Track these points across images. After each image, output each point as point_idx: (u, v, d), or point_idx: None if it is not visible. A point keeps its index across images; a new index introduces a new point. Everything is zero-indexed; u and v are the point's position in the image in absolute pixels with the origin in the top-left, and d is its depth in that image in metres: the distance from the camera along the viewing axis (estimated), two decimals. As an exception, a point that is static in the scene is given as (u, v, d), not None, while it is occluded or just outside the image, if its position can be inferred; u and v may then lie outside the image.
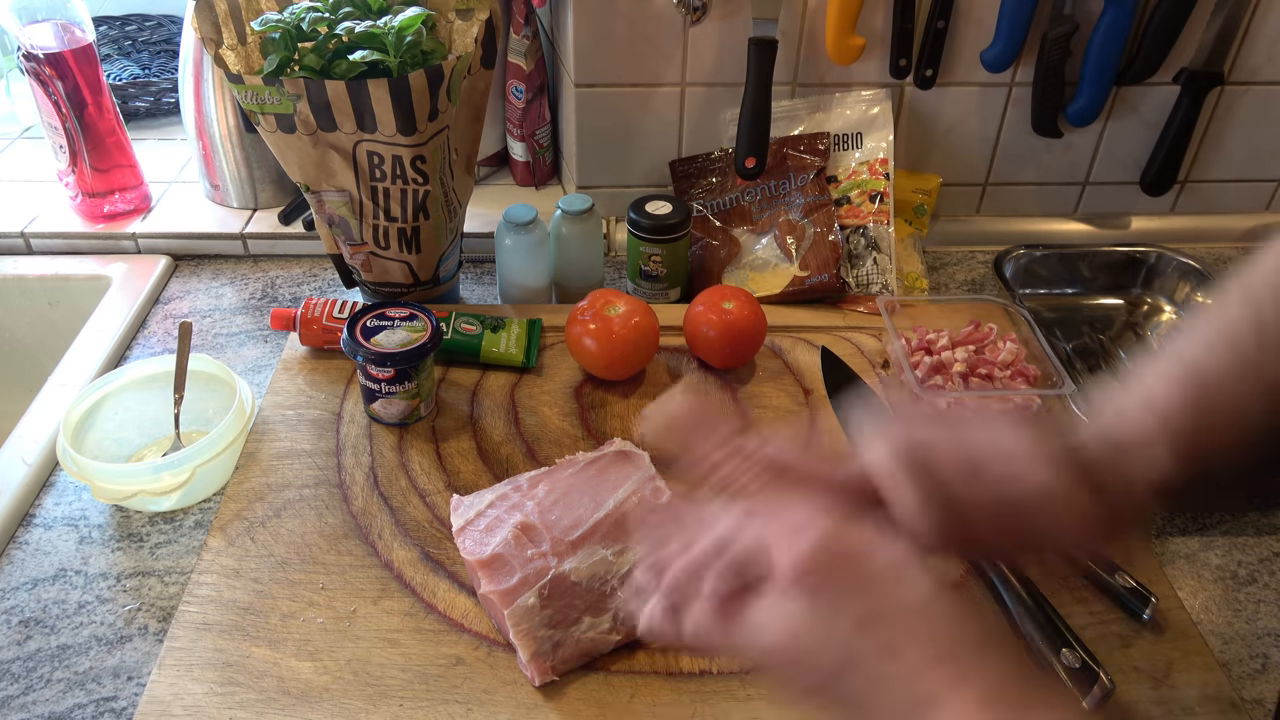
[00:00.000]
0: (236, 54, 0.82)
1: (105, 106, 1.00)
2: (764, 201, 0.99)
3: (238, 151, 1.04)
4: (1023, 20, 0.93)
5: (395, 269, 0.88)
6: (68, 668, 0.62)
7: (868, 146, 1.00)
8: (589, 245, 0.94)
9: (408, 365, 0.76)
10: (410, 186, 0.81)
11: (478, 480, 0.75)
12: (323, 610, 0.64)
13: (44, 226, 1.03)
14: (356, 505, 0.72)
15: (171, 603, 0.66)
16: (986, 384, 0.80)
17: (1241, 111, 1.02)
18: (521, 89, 1.04)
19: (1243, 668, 0.64)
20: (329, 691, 0.59)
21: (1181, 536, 0.73)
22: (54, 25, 0.95)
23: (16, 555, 0.70)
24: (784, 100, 1.00)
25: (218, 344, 0.91)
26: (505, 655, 0.62)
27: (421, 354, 0.76)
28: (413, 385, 0.77)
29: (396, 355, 0.75)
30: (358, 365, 0.77)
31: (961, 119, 1.02)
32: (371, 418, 0.80)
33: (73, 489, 0.75)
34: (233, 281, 1.00)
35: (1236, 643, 0.65)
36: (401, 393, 0.77)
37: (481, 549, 0.63)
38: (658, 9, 0.93)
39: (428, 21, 0.79)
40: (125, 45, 1.33)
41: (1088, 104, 0.97)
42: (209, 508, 0.74)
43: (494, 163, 1.15)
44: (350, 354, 0.76)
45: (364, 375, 0.77)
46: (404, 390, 0.77)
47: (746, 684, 0.60)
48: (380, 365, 0.75)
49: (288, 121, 0.77)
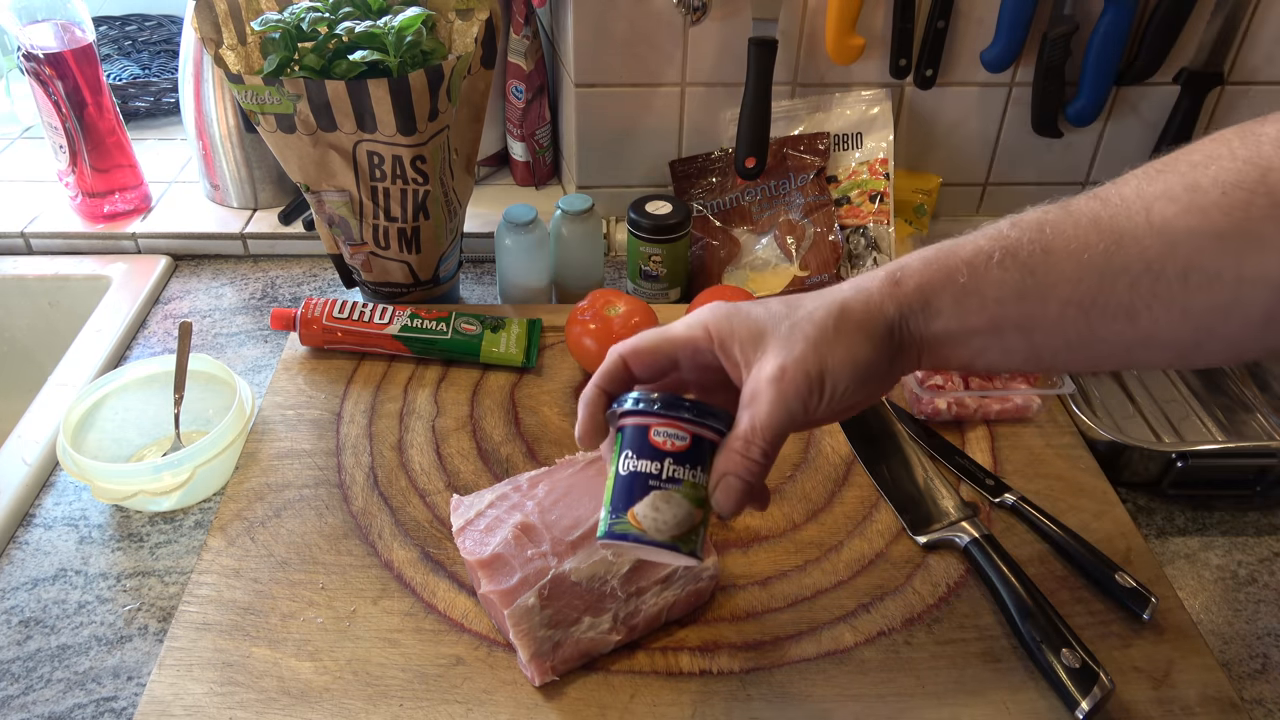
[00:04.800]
0: (236, 54, 0.82)
1: (105, 106, 1.00)
2: (764, 201, 0.99)
3: (238, 151, 1.04)
4: (1023, 20, 0.93)
5: (395, 269, 0.88)
6: (68, 668, 0.62)
7: (868, 146, 1.00)
8: (589, 245, 0.94)
9: (715, 427, 0.49)
10: (410, 186, 0.81)
11: (478, 480, 0.75)
12: (323, 610, 0.64)
13: (44, 226, 1.03)
14: (356, 505, 0.72)
15: (171, 603, 0.66)
16: (986, 384, 0.80)
17: (1242, 111, 1.02)
18: (521, 89, 1.04)
19: (1243, 668, 0.64)
20: (329, 691, 0.59)
21: (1181, 536, 0.73)
22: (54, 25, 0.95)
23: (16, 555, 0.70)
24: (784, 100, 1.00)
25: (218, 344, 0.91)
26: (505, 655, 0.62)
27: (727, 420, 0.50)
28: (704, 477, 0.49)
29: (697, 410, 0.49)
30: (625, 439, 0.50)
31: (961, 119, 1.02)
32: (614, 535, 0.49)
33: (73, 489, 0.75)
34: (233, 281, 1.00)
35: (1236, 643, 0.65)
36: (689, 485, 0.49)
37: (481, 549, 0.63)
38: (658, 9, 0.93)
39: (428, 21, 0.79)
40: (125, 45, 1.33)
41: (1088, 104, 0.97)
42: (209, 508, 0.74)
43: (494, 163, 1.15)
44: (618, 414, 0.51)
45: (636, 448, 0.49)
46: (692, 481, 0.49)
47: (746, 684, 0.60)
48: (674, 416, 0.49)
49: (288, 121, 0.77)
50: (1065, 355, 0.48)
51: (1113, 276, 0.44)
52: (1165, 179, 0.44)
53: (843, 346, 0.48)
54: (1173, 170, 0.45)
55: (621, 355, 0.52)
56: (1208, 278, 0.43)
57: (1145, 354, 0.47)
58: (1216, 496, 0.76)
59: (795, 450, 0.78)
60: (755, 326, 0.50)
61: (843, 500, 0.74)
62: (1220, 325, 0.44)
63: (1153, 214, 0.44)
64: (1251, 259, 0.41)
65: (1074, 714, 0.57)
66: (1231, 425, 0.84)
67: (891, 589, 0.66)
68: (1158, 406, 0.86)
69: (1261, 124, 0.43)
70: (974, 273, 0.47)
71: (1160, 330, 0.45)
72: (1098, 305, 0.45)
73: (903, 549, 0.70)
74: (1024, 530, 0.71)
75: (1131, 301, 0.44)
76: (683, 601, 0.63)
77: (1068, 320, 0.46)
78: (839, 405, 0.49)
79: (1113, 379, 0.89)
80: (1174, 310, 0.44)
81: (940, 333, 0.48)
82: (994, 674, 0.61)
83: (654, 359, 0.52)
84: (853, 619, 0.64)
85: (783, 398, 0.47)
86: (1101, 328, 0.46)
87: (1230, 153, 0.43)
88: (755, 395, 0.48)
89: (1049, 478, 0.75)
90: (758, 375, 0.48)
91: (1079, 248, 0.45)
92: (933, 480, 0.74)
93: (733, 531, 0.71)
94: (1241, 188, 0.42)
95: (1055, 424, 0.80)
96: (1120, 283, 0.44)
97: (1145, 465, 0.75)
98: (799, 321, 0.49)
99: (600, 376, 0.52)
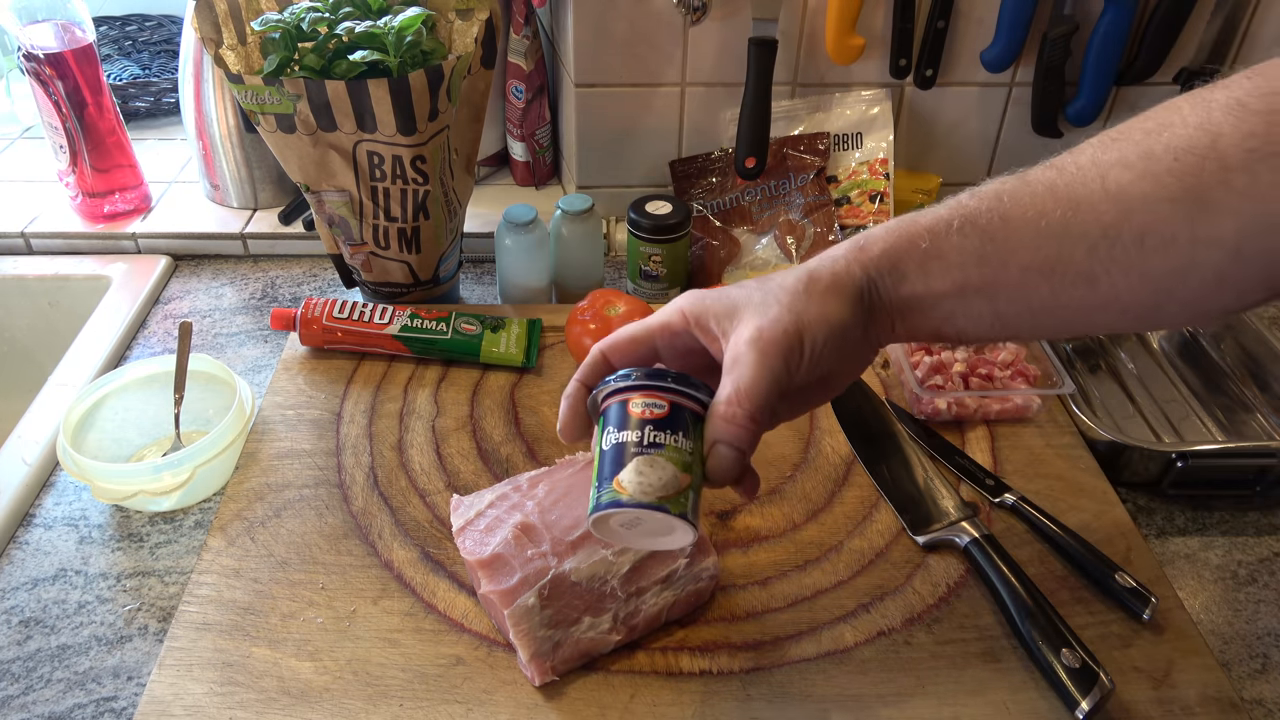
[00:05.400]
0: (236, 54, 0.82)
1: (105, 106, 1.00)
2: (764, 201, 0.99)
3: (238, 151, 1.04)
4: (1023, 20, 0.93)
5: (395, 269, 0.88)
6: (68, 668, 0.62)
7: (868, 146, 1.00)
8: (589, 245, 0.94)
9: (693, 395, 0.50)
10: (410, 186, 0.81)
11: (478, 480, 0.75)
12: (323, 610, 0.64)
13: (44, 226, 1.03)
14: (356, 505, 0.72)
15: (171, 603, 0.66)
16: (986, 384, 0.80)
17: (1241, 111, 1.02)
18: (521, 89, 1.04)
19: (1243, 668, 0.64)
20: (329, 691, 0.59)
21: (1181, 536, 0.73)
22: (54, 25, 0.95)
23: (16, 555, 0.70)
24: (784, 100, 1.00)
25: (218, 344, 0.91)
26: (505, 655, 0.62)
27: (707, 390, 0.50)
28: (688, 443, 0.49)
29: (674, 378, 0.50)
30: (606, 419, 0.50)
31: (961, 119, 1.02)
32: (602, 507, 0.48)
33: (73, 489, 0.75)
34: (233, 281, 1.00)
35: (1236, 643, 0.65)
36: (671, 449, 0.48)
37: (481, 549, 0.63)
38: (658, 9, 0.93)
39: (428, 21, 0.79)
40: (125, 45, 1.33)
41: (1088, 104, 0.97)
42: (209, 508, 0.74)
43: (494, 163, 1.15)
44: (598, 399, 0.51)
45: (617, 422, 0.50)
46: (675, 446, 0.48)
47: (747, 684, 0.60)
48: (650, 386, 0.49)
49: (288, 121, 0.77)
50: (1029, 321, 0.50)
51: (1071, 242, 0.46)
52: (1120, 147, 0.46)
53: (815, 305, 0.49)
54: (1126, 138, 0.46)
55: (602, 350, 0.53)
56: (1163, 241, 0.44)
57: (1106, 318, 0.48)
58: (1216, 496, 0.76)
59: (795, 450, 0.78)
60: (729, 302, 0.51)
61: (843, 500, 0.74)
62: (1178, 288, 0.45)
63: (1108, 181, 0.45)
64: (1203, 222, 0.43)
65: (1074, 714, 0.57)
66: (1231, 425, 0.84)
67: (891, 589, 0.66)
68: (1158, 406, 0.86)
69: (1211, 90, 0.44)
70: (935, 238, 0.49)
71: (1120, 294, 0.46)
72: (1057, 271, 0.46)
73: (903, 549, 0.70)
74: (1024, 530, 0.71)
75: (1091, 267, 0.46)
76: (683, 601, 0.63)
77: (1029, 286, 0.48)
78: (820, 368, 0.50)
79: (1113, 379, 0.89)
80: (1132, 274, 0.45)
81: (908, 296, 0.50)
82: (994, 674, 0.61)
83: (633, 349, 0.53)
84: (853, 619, 0.64)
85: (764, 357, 0.48)
86: (1063, 293, 0.47)
87: (1182, 119, 0.44)
88: (736, 359, 0.49)
89: (1049, 478, 0.75)
90: (736, 341, 0.49)
91: (1036, 215, 0.47)
92: (933, 480, 0.74)
93: (733, 531, 0.71)
94: (1193, 153, 0.43)
95: (1055, 424, 0.80)
96: (1079, 248, 0.46)
97: (1145, 465, 0.75)
98: (771, 289, 0.50)
99: (581, 372, 0.53)
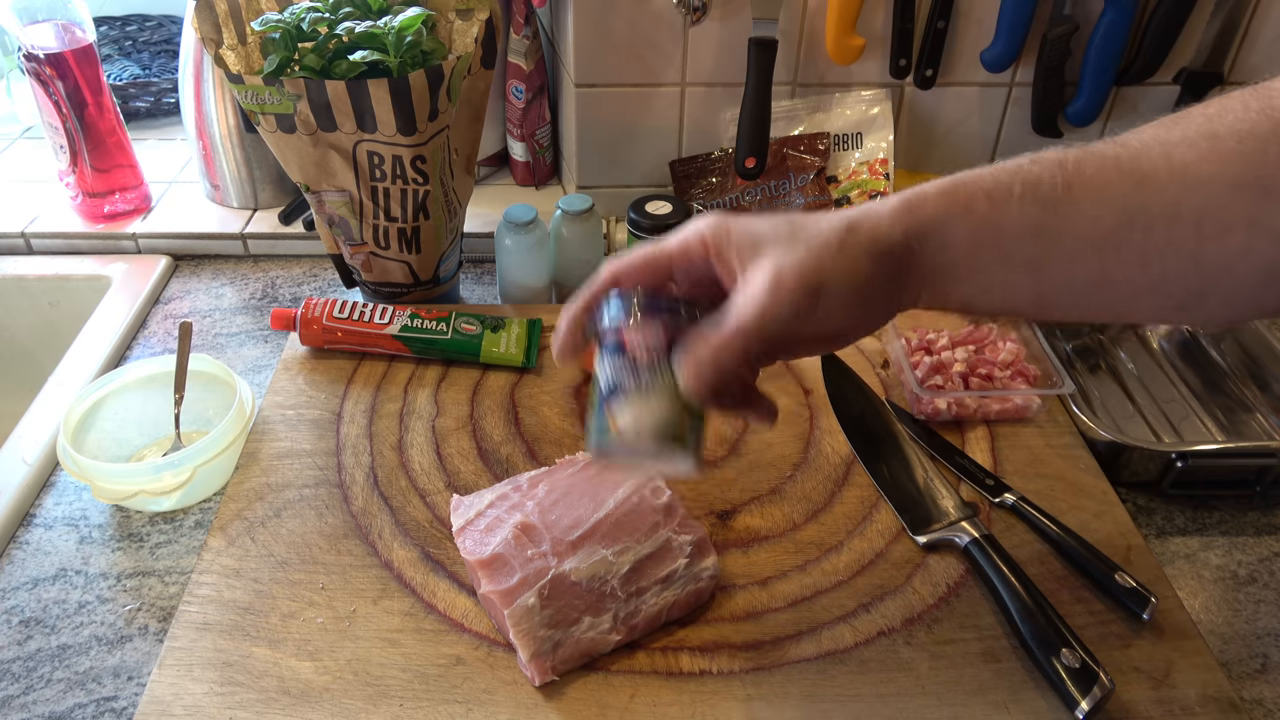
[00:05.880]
0: (236, 54, 0.82)
1: (105, 106, 1.00)
2: (764, 201, 0.99)
3: (238, 151, 1.04)
4: (1023, 20, 0.93)
5: (395, 269, 0.88)
6: (68, 668, 0.62)
7: (868, 146, 1.00)
8: (589, 245, 0.94)
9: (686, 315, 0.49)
10: (410, 186, 0.81)
11: (478, 480, 0.75)
12: (323, 610, 0.64)
13: (44, 226, 1.03)
14: (356, 505, 0.72)
15: (171, 603, 0.66)
16: (986, 384, 0.80)
17: (1241, 111, 1.02)
18: (521, 89, 1.04)
19: (1243, 668, 0.64)
20: (329, 691, 0.59)
21: (1181, 536, 0.73)
22: (54, 25, 0.95)
23: (17, 555, 0.70)
24: (784, 100, 1.00)
25: (218, 344, 0.91)
26: (505, 655, 0.62)
27: None
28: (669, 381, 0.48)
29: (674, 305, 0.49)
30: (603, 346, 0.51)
31: (961, 119, 1.02)
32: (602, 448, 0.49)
33: (73, 489, 0.75)
34: (233, 281, 1.01)
35: (1236, 643, 0.65)
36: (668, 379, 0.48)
37: (481, 549, 0.63)
38: (658, 9, 0.93)
39: (428, 21, 0.79)
40: (125, 45, 1.33)
41: (1088, 104, 0.97)
42: (209, 508, 0.74)
43: (494, 163, 1.15)
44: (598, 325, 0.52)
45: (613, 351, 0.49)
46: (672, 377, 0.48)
47: (747, 684, 0.60)
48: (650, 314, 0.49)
49: (288, 121, 0.77)
50: (1069, 300, 0.48)
51: (1129, 218, 0.44)
52: (1182, 127, 0.45)
53: (846, 259, 0.47)
54: (1188, 121, 0.45)
55: (613, 272, 0.51)
56: (1221, 227, 0.43)
57: (1148, 303, 0.47)
58: (1216, 496, 0.76)
59: (795, 450, 0.78)
60: (754, 235, 0.49)
61: (843, 500, 0.74)
62: (1226, 278, 0.44)
63: (1173, 159, 0.44)
64: (1264, 208, 0.42)
65: (1074, 714, 0.57)
66: (1231, 425, 0.84)
67: (891, 589, 0.66)
68: (1158, 406, 0.86)
69: (1273, 81, 0.44)
70: (994, 205, 0.47)
71: (1169, 279, 0.45)
72: (1111, 246, 0.45)
73: (903, 549, 0.70)
74: (1024, 530, 0.71)
75: (1145, 246, 0.44)
76: (683, 601, 0.63)
77: (1079, 261, 0.46)
78: (830, 324, 0.48)
79: (1113, 379, 0.89)
80: (1185, 259, 0.44)
81: (948, 264, 0.48)
82: (994, 674, 0.61)
83: (647, 273, 0.51)
84: (853, 619, 0.64)
85: (775, 296, 0.46)
86: (1114, 271, 0.46)
87: (1244, 105, 0.43)
88: (745, 290, 0.47)
89: (1049, 478, 0.75)
90: (752, 276, 0.47)
91: (1101, 185, 0.45)
92: (933, 480, 0.74)
93: (733, 531, 0.71)
94: (1256, 137, 0.42)
95: (1055, 424, 0.80)
96: (1137, 224, 0.44)
97: (1145, 465, 0.75)
98: (801, 230, 0.48)
99: (589, 295, 0.51)
